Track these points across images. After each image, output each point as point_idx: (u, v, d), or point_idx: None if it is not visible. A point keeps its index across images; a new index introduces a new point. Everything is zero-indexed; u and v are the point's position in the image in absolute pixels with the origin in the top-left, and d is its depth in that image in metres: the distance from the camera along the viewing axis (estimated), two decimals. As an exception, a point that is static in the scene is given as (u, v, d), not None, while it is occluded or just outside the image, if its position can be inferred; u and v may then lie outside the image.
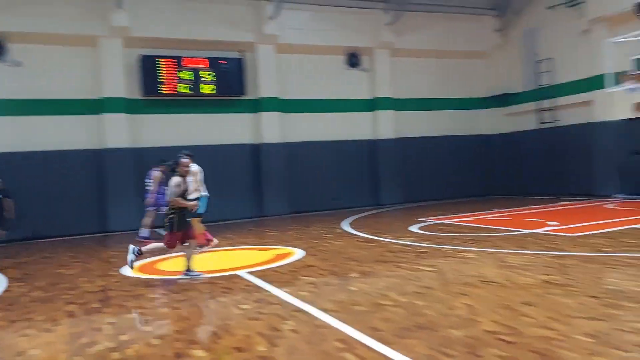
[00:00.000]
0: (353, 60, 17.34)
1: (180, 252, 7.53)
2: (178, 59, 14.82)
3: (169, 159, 11.77)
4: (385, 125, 17.60)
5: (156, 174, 11.40)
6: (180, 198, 7.07)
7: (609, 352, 3.65)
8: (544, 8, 17.30)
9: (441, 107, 18.66)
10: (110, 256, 9.80)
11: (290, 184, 16.00)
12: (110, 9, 13.91)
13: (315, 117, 16.81)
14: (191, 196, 8.47)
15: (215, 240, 9.82)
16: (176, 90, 14.80)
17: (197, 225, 8.85)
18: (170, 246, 7.15)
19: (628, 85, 13.34)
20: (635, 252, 7.06)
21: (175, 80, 14.76)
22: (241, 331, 4.66)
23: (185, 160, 7.23)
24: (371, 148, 17.50)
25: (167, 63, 14.70)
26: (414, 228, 10.98)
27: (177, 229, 7.03)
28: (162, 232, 11.38)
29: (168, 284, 6.89)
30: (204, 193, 9.45)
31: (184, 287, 6.64)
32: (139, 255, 7.21)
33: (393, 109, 17.73)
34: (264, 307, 5.40)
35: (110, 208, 13.99)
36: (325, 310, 5.11)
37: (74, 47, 14.09)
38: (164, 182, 10.89)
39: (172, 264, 8.47)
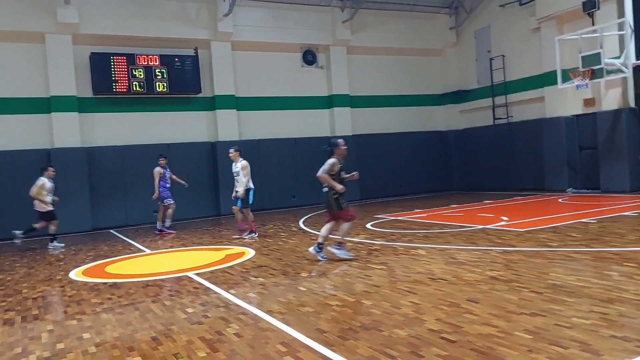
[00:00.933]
0: (309, 57, 17.29)
1: (129, 255, 7.31)
2: (130, 56, 14.43)
3: (164, 153, 12.30)
4: (342, 122, 17.63)
5: (156, 169, 11.68)
6: (329, 176, 7.22)
7: (547, 349, 3.69)
8: (496, 6, 17.68)
9: (398, 104, 18.84)
10: (56, 259, 9.43)
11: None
12: (57, 4, 13.42)
13: (272, 114, 16.69)
14: (242, 188, 10.01)
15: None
16: (129, 89, 14.41)
17: (248, 214, 10.17)
18: (352, 218, 7.49)
19: (577, 81, 13.76)
20: (579, 247, 7.25)
21: (128, 78, 14.36)
22: (183, 336, 4.52)
23: (341, 140, 7.55)
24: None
25: (119, 60, 14.29)
26: (369, 225, 11.01)
27: (339, 207, 7.30)
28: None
29: (114, 288, 6.66)
30: (251, 185, 10.27)
31: (129, 291, 6.43)
32: (320, 249, 7.44)
33: (350, 106, 17.79)
34: (210, 310, 5.28)
35: (60, 209, 13.46)
36: (271, 312, 5.03)
37: (20, 44, 13.58)
38: (163, 177, 11.74)
39: (121, 267, 8.22)
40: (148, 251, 9.61)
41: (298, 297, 5.64)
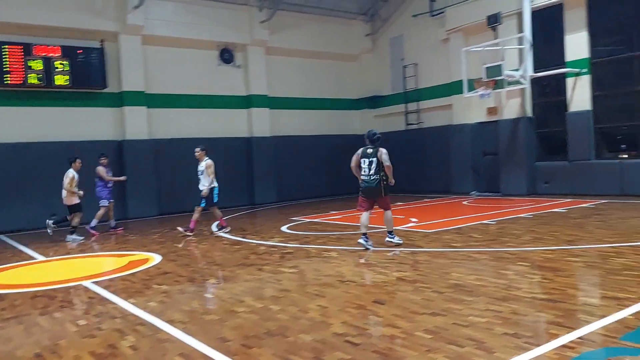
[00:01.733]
0: (226, 56, 16.93)
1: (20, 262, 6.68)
2: (27, 46, 13.33)
3: (106, 152, 12.07)
4: (260, 123, 17.43)
5: (99, 167, 11.61)
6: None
7: (444, 348, 3.77)
8: (409, 16, 18.29)
9: (316, 106, 18.97)
10: None
11: (158, 183, 15.18)
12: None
13: (187, 113, 16.14)
14: (207, 187, 10.24)
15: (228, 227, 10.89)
16: (24, 81, 13.30)
17: (215, 212, 10.61)
18: (366, 209, 8.16)
19: (481, 91, 14.53)
20: (479, 247, 7.60)
21: (23, 70, 13.26)
22: (71, 351, 4.16)
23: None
24: (246, 146, 17.24)
25: (13, 50, 13.14)
26: (285, 228, 10.92)
27: (386, 193, 8.04)
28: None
29: (-3, 300, 6.05)
30: (215, 184, 10.48)
31: (15, 302, 5.86)
32: (367, 238, 7.95)
33: (268, 107, 17.63)
34: (104, 322, 4.91)
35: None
36: (172, 322, 4.77)
37: None
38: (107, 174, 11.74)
39: (8, 276, 7.52)
40: (42, 258, 8.87)
41: (203, 304, 5.43)
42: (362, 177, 8.07)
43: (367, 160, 7.97)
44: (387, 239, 8.16)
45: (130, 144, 14.82)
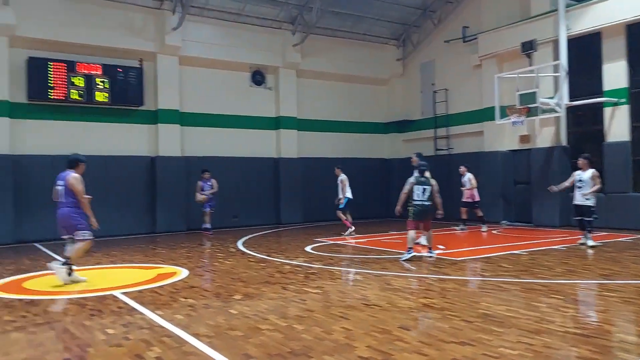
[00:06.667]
0: (258, 78, 17.25)
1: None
2: (70, 63, 13.87)
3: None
4: (288, 145, 17.61)
5: None
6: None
7: (473, 377, 3.68)
8: (441, 42, 18.34)
9: (344, 129, 19.07)
10: (-31, 274, 8.71)
11: (188, 199, 15.39)
12: (-6, 4, 12.76)
13: (217, 132, 16.44)
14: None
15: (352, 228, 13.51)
16: (67, 96, 13.81)
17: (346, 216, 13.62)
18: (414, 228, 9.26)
19: (513, 118, 14.35)
20: (509, 277, 7.43)
21: (66, 86, 13.79)
22: (99, 359, 4.22)
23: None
24: (274, 166, 17.40)
25: (57, 67, 13.71)
26: (309, 248, 10.91)
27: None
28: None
29: (30, 305, 6.19)
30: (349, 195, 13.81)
31: (47, 309, 5.99)
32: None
33: (297, 129, 17.81)
34: (132, 332, 4.97)
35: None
36: (197, 336, 4.79)
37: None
38: None
39: (42, 283, 7.70)
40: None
41: (228, 320, 5.43)
42: (416, 202, 9.16)
43: (421, 187, 9.20)
44: (428, 253, 9.27)
45: (162, 160, 15.14)
